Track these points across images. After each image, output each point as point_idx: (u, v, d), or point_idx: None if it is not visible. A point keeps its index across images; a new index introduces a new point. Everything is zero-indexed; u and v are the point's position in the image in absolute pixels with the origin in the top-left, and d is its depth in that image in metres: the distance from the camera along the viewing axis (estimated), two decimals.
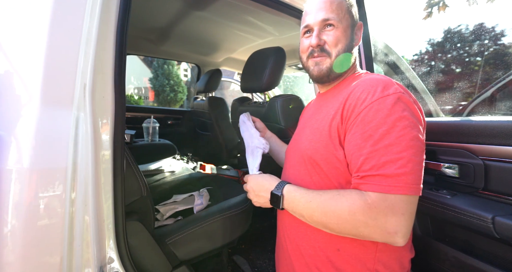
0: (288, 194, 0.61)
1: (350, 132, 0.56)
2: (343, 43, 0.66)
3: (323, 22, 0.65)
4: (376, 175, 0.50)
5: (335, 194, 0.55)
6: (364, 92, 0.57)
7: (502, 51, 2.47)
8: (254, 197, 0.69)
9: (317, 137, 0.64)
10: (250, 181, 0.71)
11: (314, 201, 0.56)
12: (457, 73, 3.32)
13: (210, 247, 1.01)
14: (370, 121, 0.53)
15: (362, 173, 0.52)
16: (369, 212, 0.49)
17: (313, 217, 0.57)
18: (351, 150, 0.55)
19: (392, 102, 0.53)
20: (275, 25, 1.57)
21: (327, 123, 0.63)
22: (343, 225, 0.53)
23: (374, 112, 0.53)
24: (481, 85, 1.86)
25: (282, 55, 1.24)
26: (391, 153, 0.50)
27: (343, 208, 0.52)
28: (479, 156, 0.78)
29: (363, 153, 0.52)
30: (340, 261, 0.60)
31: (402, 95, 0.54)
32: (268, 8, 1.06)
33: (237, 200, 1.13)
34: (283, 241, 0.73)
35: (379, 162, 0.50)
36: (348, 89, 0.63)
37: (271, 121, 1.23)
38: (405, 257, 0.63)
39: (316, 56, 0.68)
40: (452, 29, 3.21)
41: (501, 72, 1.57)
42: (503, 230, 0.65)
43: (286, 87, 3.67)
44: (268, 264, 1.40)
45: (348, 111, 0.58)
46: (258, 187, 0.68)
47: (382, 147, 0.51)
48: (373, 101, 0.54)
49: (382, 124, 0.52)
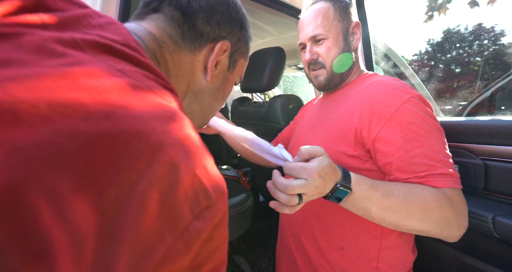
0: (357, 186, 0.49)
1: (386, 135, 0.55)
2: (336, 51, 0.68)
3: (312, 38, 0.68)
4: (435, 174, 0.52)
5: (411, 187, 0.51)
6: (386, 95, 0.58)
7: (502, 51, 2.48)
8: (318, 189, 0.45)
9: (332, 136, 0.63)
10: (318, 171, 0.44)
11: (393, 195, 0.49)
12: (457, 73, 3.34)
13: None
14: (408, 123, 0.54)
15: (421, 173, 0.52)
16: (454, 207, 0.50)
17: (387, 212, 0.49)
18: (395, 153, 0.54)
19: (420, 103, 0.56)
20: (275, 25, 1.57)
21: (342, 124, 0.62)
22: (423, 221, 0.49)
23: (408, 114, 0.55)
24: (481, 85, 1.87)
25: (282, 55, 1.24)
26: (437, 152, 0.53)
27: (430, 202, 0.48)
28: (479, 156, 0.78)
29: (414, 155, 0.53)
30: (344, 259, 0.60)
31: (421, 96, 0.59)
32: (268, 8, 1.06)
33: (237, 200, 1.13)
34: (286, 239, 0.73)
35: (432, 162, 0.52)
36: (361, 90, 0.63)
37: (271, 121, 1.23)
38: (407, 256, 0.63)
39: (313, 69, 0.72)
40: (452, 30, 3.22)
41: (501, 72, 1.57)
42: (503, 230, 0.65)
43: (286, 87, 3.68)
44: (268, 264, 1.40)
45: (374, 115, 0.57)
46: (329, 176, 0.46)
47: (428, 147, 0.53)
48: (402, 103, 0.55)
49: (420, 125, 0.54)
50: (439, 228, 0.49)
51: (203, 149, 0.23)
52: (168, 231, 0.18)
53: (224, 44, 0.38)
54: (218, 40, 0.38)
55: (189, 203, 0.19)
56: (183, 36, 0.35)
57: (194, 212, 0.19)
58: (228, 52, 0.40)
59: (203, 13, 0.36)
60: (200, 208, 0.20)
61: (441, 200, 0.49)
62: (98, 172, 0.15)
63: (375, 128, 0.56)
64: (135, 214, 0.16)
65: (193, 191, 0.20)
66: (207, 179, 0.21)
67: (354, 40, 0.70)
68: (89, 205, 0.14)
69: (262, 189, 1.68)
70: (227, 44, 0.38)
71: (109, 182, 0.15)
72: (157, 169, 0.17)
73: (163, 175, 0.18)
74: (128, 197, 0.16)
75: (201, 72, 0.38)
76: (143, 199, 0.16)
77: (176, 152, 0.19)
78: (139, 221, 0.16)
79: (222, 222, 0.23)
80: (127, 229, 0.15)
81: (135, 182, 0.16)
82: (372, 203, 0.49)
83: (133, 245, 0.16)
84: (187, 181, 0.19)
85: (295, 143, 0.80)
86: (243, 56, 0.45)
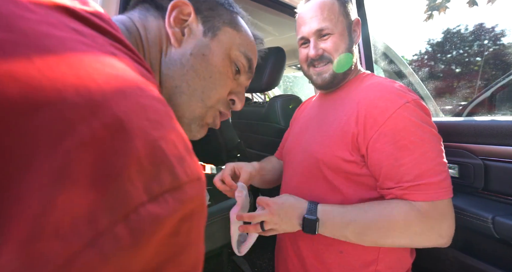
0: (325, 216, 0.54)
1: (378, 141, 0.55)
2: (343, 47, 0.64)
3: (318, 32, 0.64)
4: (421, 184, 0.51)
5: (381, 208, 0.53)
6: (381, 99, 0.56)
7: (502, 52, 2.48)
8: (277, 225, 0.56)
9: (329, 141, 0.62)
10: (274, 210, 0.56)
11: (360, 220, 0.53)
12: (457, 73, 3.34)
13: (210, 247, 1.01)
14: (400, 130, 0.53)
15: (406, 183, 0.52)
16: (425, 221, 0.50)
17: (362, 236, 0.53)
18: (384, 160, 0.54)
19: (415, 109, 0.54)
20: (275, 25, 1.57)
21: (339, 128, 0.61)
22: (397, 238, 0.52)
23: (401, 121, 0.53)
24: (481, 85, 1.87)
25: (282, 55, 1.24)
26: (429, 160, 0.51)
27: (396, 222, 0.51)
28: (478, 156, 0.78)
29: (403, 163, 0.52)
30: (343, 263, 0.60)
31: (418, 100, 0.56)
32: (268, 8, 1.06)
33: None
34: (283, 242, 0.73)
35: (420, 171, 0.51)
36: (358, 92, 0.62)
37: (271, 121, 1.23)
38: (406, 257, 0.63)
39: (317, 66, 0.67)
40: (452, 30, 3.22)
41: (501, 72, 1.57)
42: (503, 230, 0.65)
43: (286, 87, 3.67)
44: (268, 264, 1.40)
45: (368, 119, 0.56)
46: (285, 214, 0.56)
47: (419, 155, 0.51)
48: (397, 109, 0.54)
49: (413, 132, 0.52)
50: (417, 242, 0.52)
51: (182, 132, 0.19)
52: (102, 210, 0.13)
53: (180, 2, 0.35)
54: None
55: (144, 180, 0.15)
56: (147, 9, 0.37)
57: (151, 192, 0.15)
58: (196, 15, 0.37)
59: None
60: (160, 189, 0.15)
61: (409, 217, 0.50)
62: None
63: (369, 134, 0.56)
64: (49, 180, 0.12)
65: (152, 164, 0.15)
66: (175, 155, 0.17)
67: (354, 38, 0.68)
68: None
69: (262, 189, 1.68)
70: (185, 2, 0.35)
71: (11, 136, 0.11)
72: (95, 127, 0.13)
73: (104, 136, 0.14)
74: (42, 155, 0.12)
75: (169, 39, 0.36)
76: (64, 161, 0.12)
77: (130, 114, 0.15)
78: (55, 189, 0.12)
79: (196, 216, 0.18)
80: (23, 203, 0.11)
81: (58, 140, 0.12)
82: (345, 229, 0.54)
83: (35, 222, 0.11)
84: (142, 150, 0.15)
85: (291, 146, 0.77)
86: (228, 24, 0.39)
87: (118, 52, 0.20)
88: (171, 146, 0.17)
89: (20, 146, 0.12)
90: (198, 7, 0.37)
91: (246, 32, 0.42)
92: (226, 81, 0.39)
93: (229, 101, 0.42)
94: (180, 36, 0.36)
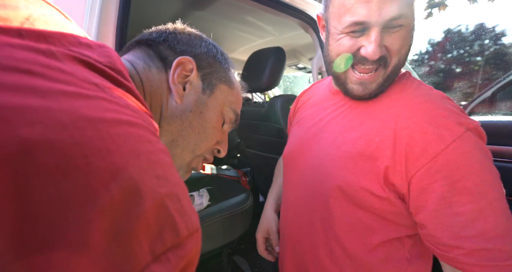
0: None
1: (426, 179, 0.40)
2: (407, 48, 0.46)
3: (390, 21, 0.41)
4: (489, 249, 0.36)
5: None
6: (433, 124, 0.41)
7: (502, 51, 2.48)
8: None
9: (354, 166, 0.47)
10: None
11: None
12: (457, 73, 3.33)
13: (210, 247, 1.01)
14: (457, 169, 0.38)
15: (466, 242, 0.37)
16: None
17: None
18: (436, 205, 0.40)
19: (476, 140, 0.40)
20: (275, 25, 1.57)
21: (367, 152, 0.46)
22: None
23: (461, 156, 0.39)
24: (481, 85, 1.86)
25: (282, 55, 1.24)
26: (498, 212, 0.37)
27: None
28: None
29: (460, 213, 0.38)
30: None
31: (478, 127, 0.41)
32: (268, 8, 1.06)
33: (237, 200, 1.13)
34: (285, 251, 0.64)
35: (486, 226, 0.37)
36: (397, 106, 0.46)
37: (270, 121, 1.23)
38: None
39: (366, 71, 0.46)
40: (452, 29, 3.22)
41: (501, 72, 1.57)
42: None
43: (286, 87, 3.67)
44: (268, 264, 1.40)
45: (413, 149, 0.41)
46: None
47: (485, 204, 0.37)
48: (455, 139, 0.39)
49: (474, 173, 0.38)
50: None
51: (180, 179, 0.20)
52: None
53: (184, 59, 0.36)
54: None
55: (150, 240, 0.15)
56: (150, 58, 0.38)
57: (155, 252, 0.15)
58: (197, 72, 0.39)
59: (167, 43, 0.39)
60: (163, 247, 0.16)
61: None
62: (29, 185, 0.12)
63: (412, 168, 0.41)
64: (70, 250, 0.12)
65: (157, 224, 0.16)
66: (178, 211, 0.17)
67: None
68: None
69: (262, 189, 1.68)
70: (190, 60, 0.37)
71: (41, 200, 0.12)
72: (114, 192, 0.14)
73: (120, 200, 0.14)
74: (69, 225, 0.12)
75: (170, 93, 0.38)
76: (85, 231, 0.13)
77: (143, 175, 0.16)
78: (76, 258, 0.12)
79: (190, 266, 0.18)
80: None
81: (82, 209, 0.13)
82: None
83: None
84: (151, 211, 0.15)
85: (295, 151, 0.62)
86: (223, 82, 0.41)
87: (133, 105, 0.21)
88: (175, 202, 0.17)
89: (49, 215, 0.12)
90: (199, 64, 0.39)
91: (238, 88, 0.45)
92: (216, 133, 0.42)
93: (214, 150, 0.45)
94: (182, 91, 0.38)
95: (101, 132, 0.15)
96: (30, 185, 0.12)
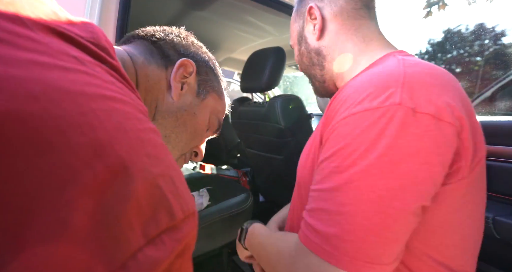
0: (253, 229, 0.55)
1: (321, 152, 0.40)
2: None
3: None
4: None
5: (280, 235, 0.48)
6: (350, 97, 0.37)
7: (502, 51, 2.48)
8: None
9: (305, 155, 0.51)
10: None
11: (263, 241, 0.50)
12: (457, 73, 3.33)
13: (210, 247, 1.01)
14: (336, 143, 0.35)
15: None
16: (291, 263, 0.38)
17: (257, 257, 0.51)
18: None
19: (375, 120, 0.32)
20: (275, 25, 1.57)
21: (314, 137, 0.48)
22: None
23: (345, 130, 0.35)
24: (481, 85, 1.86)
25: (282, 55, 1.24)
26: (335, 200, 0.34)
27: (272, 252, 0.45)
28: None
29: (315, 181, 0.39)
30: None
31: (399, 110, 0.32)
32: (268, 8, 1.06)
33: (237, 200, 1.13)
34: None
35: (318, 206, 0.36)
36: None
37: (271, 121, 1.23)
38: None
39: None
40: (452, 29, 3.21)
41: (501, 72, 1.57)
42: (503, 230, 0.65)
43: (286, 87, 3.67)
44: None
45: (326, 122, 0.41)
46: None
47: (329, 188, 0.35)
48: (351, 114, 0.34)
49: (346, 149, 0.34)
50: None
51: (174, 161, 0.19)
52: (100, 260, 0.12)
53: (187, 61, 0.38)
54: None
55: (142, 222, 0.14)
56: (151, 54, 0.39)
57: (149, 235, 0.14)
58: (196, 75, 0.41)
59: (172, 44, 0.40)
60: (157, 230, 0.15)
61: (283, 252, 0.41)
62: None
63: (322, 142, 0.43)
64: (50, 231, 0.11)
65: (150, 205, 0.15)
66: (173, 192, 0.16)
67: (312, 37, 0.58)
68: None
69: (262, 189, 1.68)
70: (191, 63, 0.39)
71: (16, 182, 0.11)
72: (98, 170, 0.13)
73: (106, 179, 0.13)
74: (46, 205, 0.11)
75: (168, 90, 0.39)
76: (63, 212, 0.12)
77: (131, 152, 0.15)
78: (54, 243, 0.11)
79: (187, 251, 0.17)
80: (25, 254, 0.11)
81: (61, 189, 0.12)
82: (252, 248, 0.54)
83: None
84: (142, 190, 0.14)
85: None
86: (215, 91, 0.44)
87: (116, 81, 0.19)
88: (169, 183, 0.16)
89: (23, 196, 0.11)
90: (198, 70, 0.41)
91: (224, 101, 0.48)
92: (202, 137, 0.45)
93: (192, 152, 0.47)
94: (179, 90, 0.39)
95: (81, 106, 0.14)
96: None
